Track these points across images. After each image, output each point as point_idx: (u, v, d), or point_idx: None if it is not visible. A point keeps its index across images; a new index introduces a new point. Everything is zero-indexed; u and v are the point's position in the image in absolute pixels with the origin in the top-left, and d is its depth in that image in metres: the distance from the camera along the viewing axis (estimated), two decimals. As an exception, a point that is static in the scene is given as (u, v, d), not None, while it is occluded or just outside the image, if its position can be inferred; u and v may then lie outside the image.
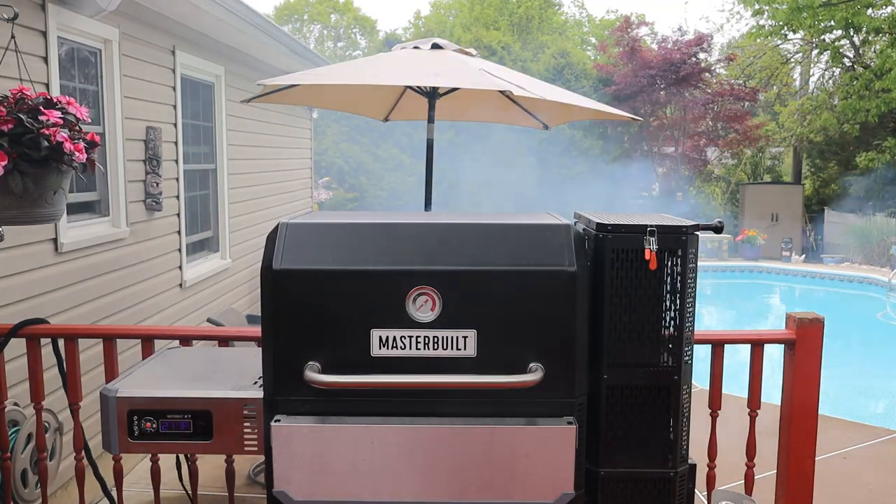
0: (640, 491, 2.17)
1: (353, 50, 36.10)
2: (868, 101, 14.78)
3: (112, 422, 2.10)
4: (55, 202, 2.96)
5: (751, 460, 3.06)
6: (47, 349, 3.10)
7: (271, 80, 4.30)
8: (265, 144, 8.01)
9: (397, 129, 16.09)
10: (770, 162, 20.06)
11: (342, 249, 1.98)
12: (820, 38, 16.44)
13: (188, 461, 3.08)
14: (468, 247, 1.98)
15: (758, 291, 14.09)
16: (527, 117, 5.36)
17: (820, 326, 2.84)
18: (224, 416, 2.10)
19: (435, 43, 4.42)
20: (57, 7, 3.90)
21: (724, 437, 3.20)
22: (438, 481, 1.97)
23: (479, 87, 3.90)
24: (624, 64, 16.37)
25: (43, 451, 3.13)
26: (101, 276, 4.42)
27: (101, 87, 4.53)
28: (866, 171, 15.76)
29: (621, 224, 2.10)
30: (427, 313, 1.93)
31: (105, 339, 3.03)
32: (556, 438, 1.95)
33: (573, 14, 34.59)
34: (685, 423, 2.19)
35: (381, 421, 1.96)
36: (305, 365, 1.93)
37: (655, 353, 2.14)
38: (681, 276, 2.10)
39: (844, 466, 4.70)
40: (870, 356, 9.45)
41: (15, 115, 2.73)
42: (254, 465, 4.32)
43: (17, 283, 3.62)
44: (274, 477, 1.97)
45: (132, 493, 4.13)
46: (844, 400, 7.18)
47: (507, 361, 1.94)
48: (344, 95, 5.49)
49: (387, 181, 16.02)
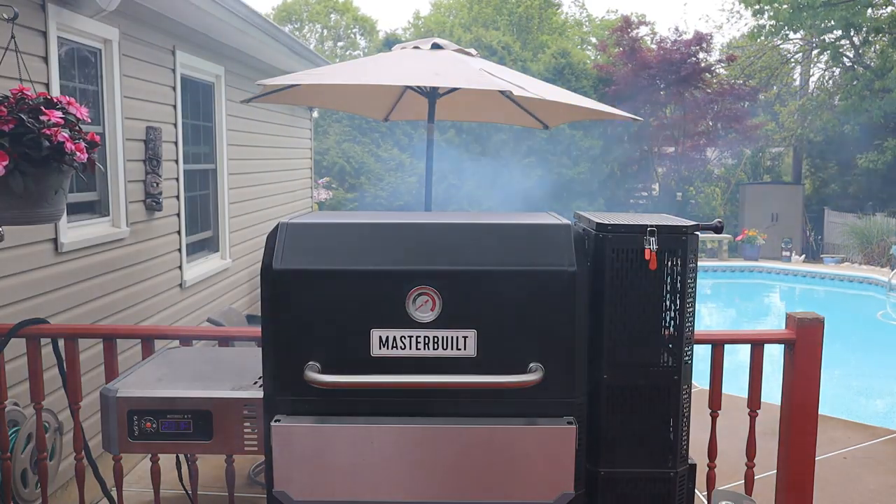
0: (640, 491, 2.17)
1: (353, 50, 36.11)
2: (868, 102, 14.78)
3: (112, 422, 2.10)
4: (55, 202, 2.96)
5: (751, 460, 3.06)
6: (47, 349, 3.10)
7: (271, 80, 4.30)
8: (265, 144, 8.01)
9: (397, 129, 16.08)
10: (770, 162, 20.06)
11: (342, 249, 1.98)
12: (820, 38, 16.44)
13: (188, 461, 3.08)
14: (468, 247, 1.98)
15: (758, 291, 14.09)
16: (527, 117, 5.36)
17: (820, 326, 2.84)
18: (224, 416, 2.10)
19: (435, 43, 4.43)
20: (57, 7, 3.90)
21: (724, 437, 3.20)
22: (438, 481, 1.97)
23: (479, 87, 3.90)
24: (624, 64, 16.37)
25: (43, 451, 3.13)
26: (101, 276, 4.42)
27: (101, 87, 4.53)
28: (866, 171, 15.76)
29: (621, 224, 2.10)
30: (427, 313, 1.93)
31: (105, 339, 3.03)
32: (556, 438, 1.95)
33: (573, 14, 34.61)
34: (685, 423, 2.19)
35: (382, 421, 1.96)
36: (305, 365, 1.92)
37: (655, 353, 2.14)
38: (681, 276, 2.10)
39: (844, 466, 4.70)
40: (870, 356, 9.45)
41: (16, 115, 2.73)
42: (254, 465, 4.32)
43: (17, 283, 3.62)
44: (274, 477, 1.97)
45: (132, 493, 4.13)
46: (844, 400, 7.18)
47: (506, 361, 1.94)
48: (344, 95, 5.49)
49: (387, 181, 16.01)
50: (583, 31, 32.01)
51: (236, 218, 6.96)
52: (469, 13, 28.05)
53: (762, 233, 15.15)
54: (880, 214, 14.89)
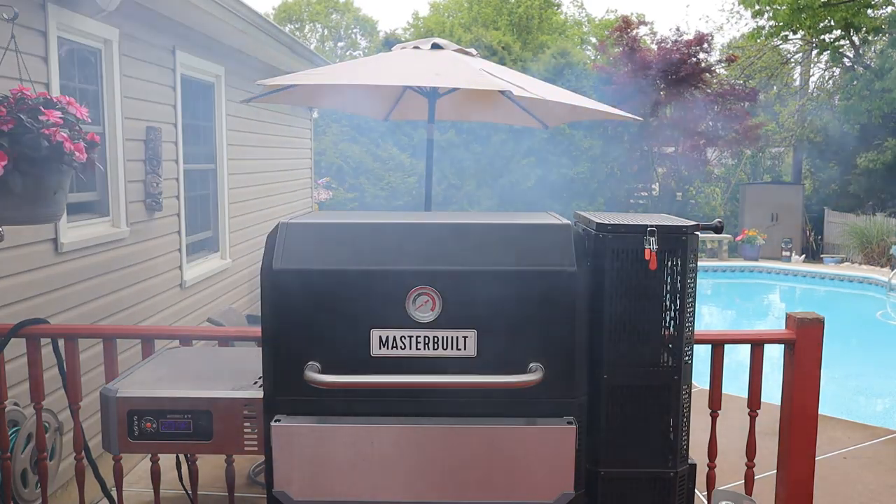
0: (640, 491, 2.17)
1: (354, 50, 36.11)
2: (868, 102, 14.78)
3: (112, 422, 2.10)
4: (55, 202, 2.95)
5: (751, 460, 3.06)
6: (47, 349, 3.09)
7: (271, 80, 4.30)
8: (265, 144, 8.01)
9: (397, 128, 16.08)
10: (770, 162, 20.07)
11: (342, 249, 1.98)
12: (819, 38, 16.44)
13: (188, 461, 3.08)
14: (468, 247, 1.98)
15: (758, 291, 14.09)
16: (526, 117, 5.36)
17: (820, 326, 2.84)
18: (224, 416, 2.10)
19: (435, 43, 4.42)
20: (57, 7, 3.90)
21: (724, 437, 3.20)
22: (438, 481, 1.97)
23: (479, 87, 3.90)
24: (623, 64, 16.36)
25: (43, 451, 3.13)
26: (101, 277, 4.41)
27: (100, 87, 4.53)
28: (866, 170, 15.76)
29: (621, 224, 2.10)
30: (427, 313, 1.93)
31: (105, 340, 3.03)
32: (556, 438, 1.95)
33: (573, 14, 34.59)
34: (685, 423, 2.19)
35: (381, 421, 1.96)
36: (305, 365, 1.93)
37: (655, 353, 2.14)
38: (681, 276, 2.10)
39: (844, 466, 4.70)
40: (870, 356, 9.45)
41: (15, 115, 2.73)
42: (254, 465, 4.32)
43: (17, 283, 3.62)
44: (274, 477, 1.97)
45: (132, 493, 4.13)
46: (844, 400, 7.18)
47: (507, 361, 1.94)
48: (344, 95, 5.49)
49: (387, 181, 16.01)
50: (582, 31, 32.01)
51: (236, 218, 6.96)
52: (469, 13, 28.06)
53: (762, 233, 15.14)
54: (880, 214, 14.89)
